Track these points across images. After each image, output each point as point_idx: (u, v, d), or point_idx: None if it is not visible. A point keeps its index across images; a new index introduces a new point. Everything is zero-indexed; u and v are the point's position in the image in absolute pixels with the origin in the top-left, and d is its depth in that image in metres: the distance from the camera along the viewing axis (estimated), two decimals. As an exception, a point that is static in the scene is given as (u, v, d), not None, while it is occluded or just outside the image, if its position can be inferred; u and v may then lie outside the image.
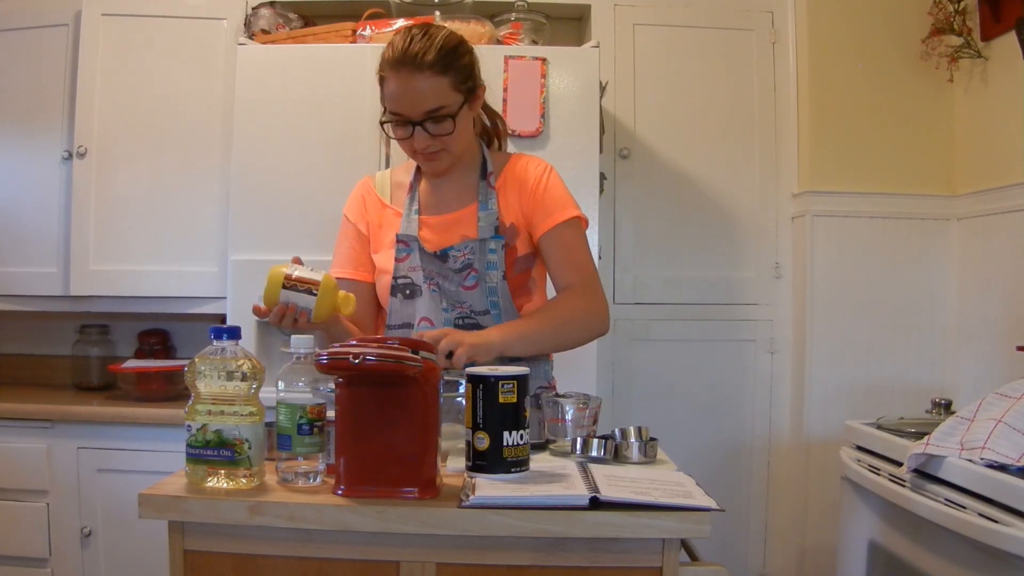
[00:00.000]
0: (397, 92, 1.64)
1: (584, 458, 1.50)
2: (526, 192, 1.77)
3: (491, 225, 1.74)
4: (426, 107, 1.64)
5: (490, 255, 1.73)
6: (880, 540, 2.04)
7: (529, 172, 1.79)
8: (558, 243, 1.74)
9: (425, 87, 1.63)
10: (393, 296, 1.76)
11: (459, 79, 1.66)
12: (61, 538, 2.54)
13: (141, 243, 2.77)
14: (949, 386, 2.79)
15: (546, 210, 1.75)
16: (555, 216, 1.75)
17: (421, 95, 1.63)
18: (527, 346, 1.66)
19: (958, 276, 2.82)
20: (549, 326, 1.70)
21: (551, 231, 1.74)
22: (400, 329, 1.75)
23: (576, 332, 1.74)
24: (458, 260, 1.73)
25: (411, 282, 1.75)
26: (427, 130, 1.66)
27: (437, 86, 1.63)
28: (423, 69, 1.62)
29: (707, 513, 1.19)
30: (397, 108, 1.66)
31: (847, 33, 2.85)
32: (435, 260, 1.74)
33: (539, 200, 1.76)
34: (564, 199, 1.77)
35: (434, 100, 1.64)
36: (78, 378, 3.00)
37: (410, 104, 1.64)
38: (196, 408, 1.28)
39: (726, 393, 2.97)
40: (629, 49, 2.94)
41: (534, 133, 2.50)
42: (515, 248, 1.76)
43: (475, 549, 1.22)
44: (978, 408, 1.79)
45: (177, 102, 2.78)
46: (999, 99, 2.63)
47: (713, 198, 2.97)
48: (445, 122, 1.66)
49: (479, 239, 1.73)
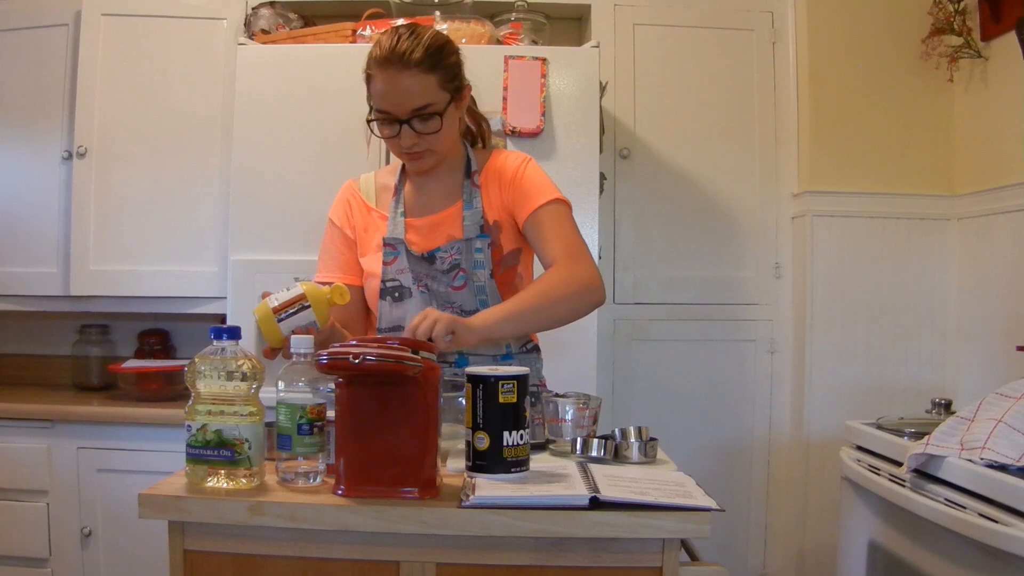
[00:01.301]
0: (384, 90, 1.64)
1: (584, 458, 1.50)
2: (505, 184, 1.77)
3: (476, 224, 1.74)
4: (413, 105, 1.64)
5: (476, 254, 1.72)
6: (880, 540, 2.04)
7: (507, 165, 1.79)
8: (540, 223, 1.72)
9: (412, 85, 1.62)
10: (382, 299, 1.75)
11: (446, 78, 1.67)
12: (61, 538, 2.54)
13: (141, 243, 2.77)
14: (949, 386, 2.79)
15: (525, 196, 1.74)
16: (534, 200, 1.73)
17: (408, 93, 1.63)
18: (513, 325, 1.60)
19: (958, 276, 2.82)
20: (533, 302, 1.63)
21: (532, 214, 1.72)
22: (390, 332, 1.74)
23: (566, 304, 1.66)
24: (445, 261, 1.73)
25: (400, 285, 1.74)
26: (414, 128, 1.65)
27: (424, 84, 1.63)
28: (410, 67, 1.62)
29: (707, 513, 1.19)
30: (384, 106, 1.66)
31: (847, 33, 2.85)
32: (422, 262, 1.74)
33: (518, 188, 1.75)
34: (543, 184, 1.75)
35: (421, 98, 1.64)
36: (78, 378, 3.00)
37: (397, 102, 1.64)
38: (196, 408, 1.28)
39: (726, 393, 2.96)
40: (629, 49, 2.94)
41: (534, 133, 2.50)
42: (500, 246, 1.76)
43: (475, 549, 1.22)
44: (978, 408, 1.79)
45: (177, 102, 2.78)
46: (999, 99, 2.63)
47: (713, 198, 2.97)
48: (432, 120, 1.66)
49: (464, 239, 1.73)
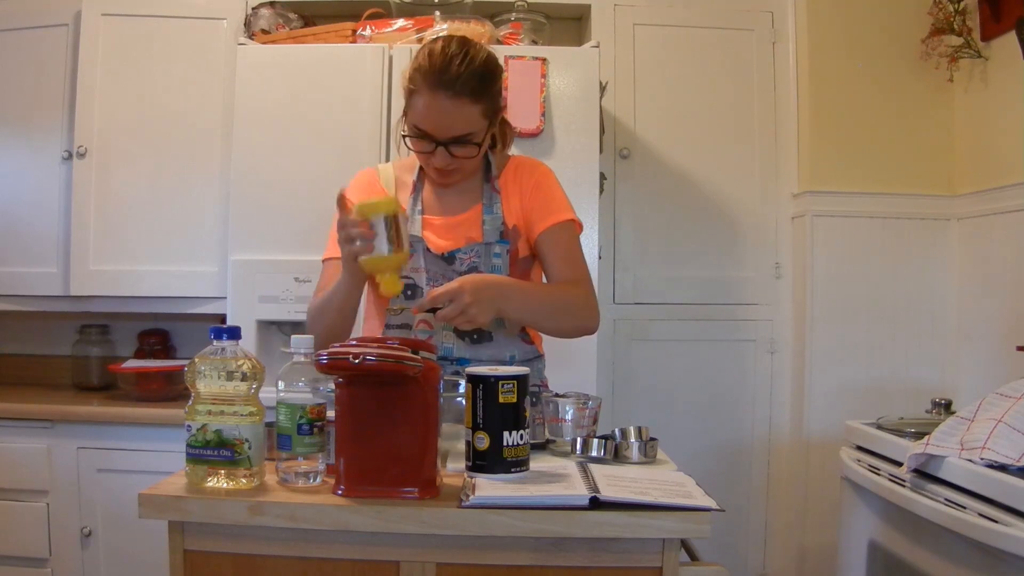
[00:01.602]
0: (427, 112, 1.63)
1: (584, 458, 1.50)
2: (527, 191, 1.78)
3: (496, 229, 1.74)
4: (454, 132, 1.64)
5: (495, 259, 1.73)
6: (880, 540, 2.04)
7: (532, 172, 1.80)
8: (557, 241, 1.75)
9: (458, 115, 1.62)
10: (394, 296, 1.75)
11: (490, 107, 1.67)
12: (61, 538, 2.54)
13: (141, 243, 2.77)
14: (949, 386, 2.78)
15: (547, 208, 1.76)
16: (556, 215, 1.76)
17: (452, 120, 1.62)
18: (523, 303, 1.62)
19: (958, 276, 2.82)
20: (550, 299, 1.69)
21: (551, 229, 1.75)
22: (399, 329, 1.74)
23: (570, 318, 1.71)
24: (464, 263, 1.73)
25: (413, 283, 1.74)
26: (450, 152, 1.65)
27: (470, 114, 1.63)
28: (460, 96, 1.60)
29: (707, 513, 1.19)
30: (425, 126, 1.64)
31: (847, 33, 2.85)
32: (440, 262, 1.73)
33: (540, 199, 1.77)
34: (564, 201, 1.79)
35: (464, 127, 1.63)
36: (78, 378, 3.00)
37: (439, 126, 1.63)
38: (196, 408, 1.28)
39: (726, 393, 2.96)
40: (629, 49, 2.94)
41: (534, 133, 2.50)
42: (516, 251, 1.77)
43: (475, 549, 1.22)
44: (978, 408, 1.79)
45: (177, 102, 2.78)
46: (999, 99, 2.63)
47: (713, 198, 2.97)
48: (469, 147, 1.66)
49: (484, 243, 1.73)
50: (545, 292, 1.73)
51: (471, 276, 1.58)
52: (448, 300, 1.52)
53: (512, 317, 1.67)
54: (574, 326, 1.74)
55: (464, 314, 1.52)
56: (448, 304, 1.52)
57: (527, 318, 1.69)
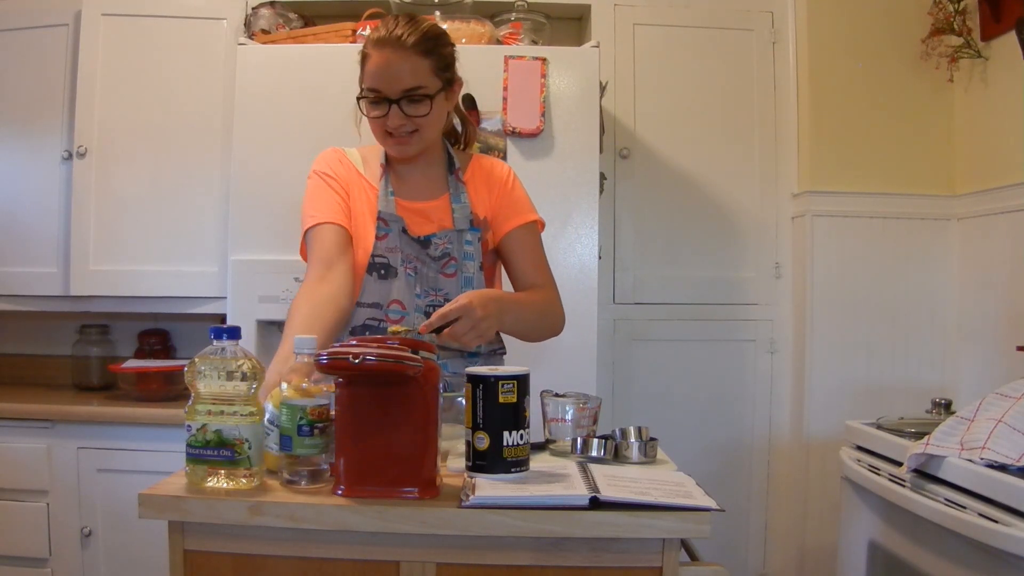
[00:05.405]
0: (377, 69, 1.68)
1: (584, 458, 1.50)
2: (495, 188, 1.83)
3: (466, 217, 1.78)
4: (404, 85, 1.67)
5: (467, 246, 1.77)
6: (880, 540, 2.04)
7: (498, 171, 1.85)
8: (524, 243, 1.82)
9: (406, 66, 1.66)
10: (368, 274, 1.76)
11: (439, 65, 1.71)
12: (61, 538, 2.54)
13: (141, 243, 2.77)
14: (949, 386, 2.78)
15: (514, 208, 1.82)
16: (523, 215, 1.82)
17: (401, 73, 1.66)
18: (518, 314, 1.69)
19: (958, 276, 2.82)
20: (536, 308, 1.76)
21: (518, 229, 1.81)
22: (371, 307, 1.75)
23: (548, 327, 1.81)
24: (439, 248, 1.76)
25: (387, 263, 1.75)
26: (403, 109, 1.68)
27: (417, 66, 1.67)
28: (406, 48, 1.66)
29: (707, 513, 1.19)
30: (376, 84, 1.68)
31: (847, 33, 2.85)
32: (415, 244, 1.76)
33: (510, 198, 1.83)
34: (529, 202, 1.85)
35: (413, 79, 1.67)
36: (78, 378, 3.00)
37: (389, 81, 1.67)
38: (196, 408, 1.28)
39: (726, 393, 2.96)
40: (629, 49, 2.94)
41: (534, 133, 2.50)
42: (487, 241, 1.81)
43: (475, 549, 1.22)
44: (978, 408, 1.79)
45: (177, 102, 2.78)
46: (999, 99, 2.63)
47: (713, 198, 2.97)
48: (422, 103, 1.69)
49: (456, 230, 1.77)
50: (531, 302, 1.76)
51: (473, 292, 1.60)
52: (457, 317, 1.52)
53: (507, 329, 1.72)
54: (551, 333, 1.82)
55: (475, 329, 1.53)
56: (456, 320, 1.52)
57: (518, 328, 1.74)
